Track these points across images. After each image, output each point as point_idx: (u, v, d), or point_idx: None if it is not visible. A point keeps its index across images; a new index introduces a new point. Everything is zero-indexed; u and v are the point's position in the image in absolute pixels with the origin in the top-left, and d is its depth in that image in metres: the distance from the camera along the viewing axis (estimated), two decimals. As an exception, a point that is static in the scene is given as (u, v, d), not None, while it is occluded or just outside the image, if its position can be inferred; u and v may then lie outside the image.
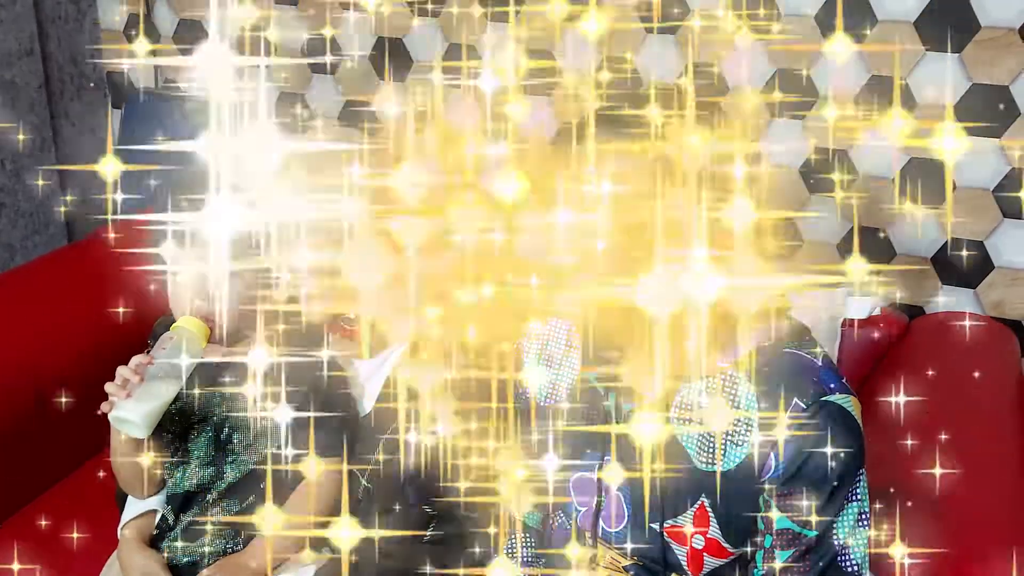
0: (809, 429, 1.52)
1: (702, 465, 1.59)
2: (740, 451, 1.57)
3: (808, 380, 1.55)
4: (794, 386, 1.54)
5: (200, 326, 1.89)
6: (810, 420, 1.52)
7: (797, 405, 1.53)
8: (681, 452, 1.60)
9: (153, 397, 1.82)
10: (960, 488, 1.75)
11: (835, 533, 1.55)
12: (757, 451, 1.55)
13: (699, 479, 1.59)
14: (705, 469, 1.59)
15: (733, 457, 1.58)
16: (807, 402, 1.53)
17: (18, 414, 2.29)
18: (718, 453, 1.58)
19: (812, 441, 1.52)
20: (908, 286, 2.48)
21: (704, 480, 1.59)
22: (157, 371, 1.84)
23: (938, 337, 2.34)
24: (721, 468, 1.58)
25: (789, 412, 1.53)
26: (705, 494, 1.60)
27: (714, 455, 1.58)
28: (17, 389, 2.30)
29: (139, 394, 1.82)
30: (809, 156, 2.53)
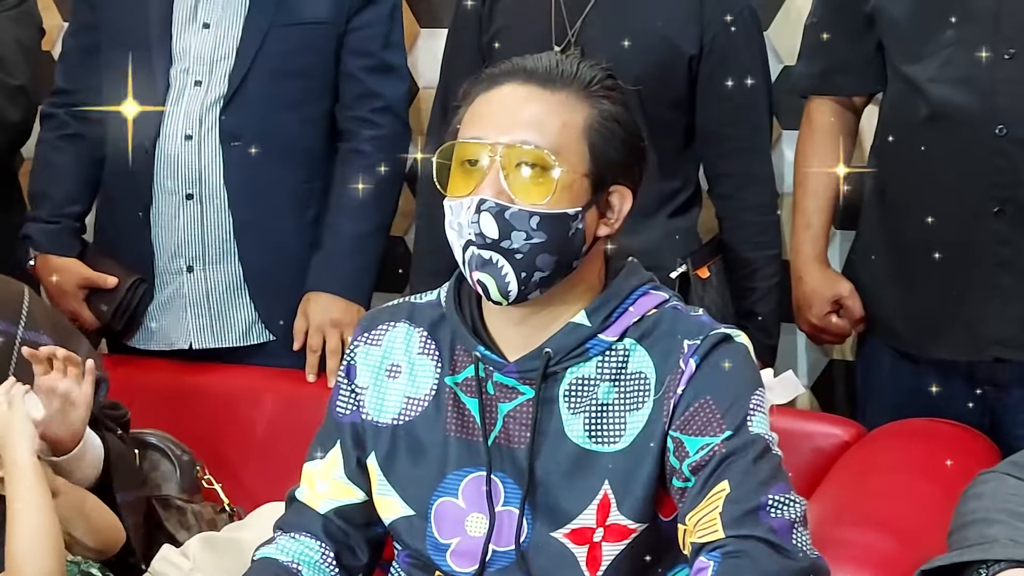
0: (703, 352, 1.59)
1: (597, 447, 1.61)
2: (639, 415, 1.60)
3: (692, 322, 1.62)
4: (682, 331, 1.60)
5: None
6: (703, 346, 1.59)
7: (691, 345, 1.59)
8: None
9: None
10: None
11: (750, 424, 1.56)
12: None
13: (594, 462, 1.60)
14: (601, 450, 1.60)
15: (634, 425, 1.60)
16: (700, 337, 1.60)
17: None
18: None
19: (710, 363, 1.58)
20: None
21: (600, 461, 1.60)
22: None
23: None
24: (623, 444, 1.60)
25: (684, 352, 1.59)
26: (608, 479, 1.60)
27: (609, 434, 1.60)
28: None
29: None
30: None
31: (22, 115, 2.62)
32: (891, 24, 2.27)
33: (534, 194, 1.56)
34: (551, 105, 1.58)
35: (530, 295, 1.59)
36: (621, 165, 1.61)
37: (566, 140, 1.58)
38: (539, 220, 1.56)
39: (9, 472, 1.82)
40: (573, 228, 1.58)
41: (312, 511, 1.74)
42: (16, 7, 2.65)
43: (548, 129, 1.57)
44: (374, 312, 1.79)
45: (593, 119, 1.59)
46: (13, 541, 1.79)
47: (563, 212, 1.57)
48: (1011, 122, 2.16)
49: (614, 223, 1.63)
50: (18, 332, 2.02)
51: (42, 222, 2.59)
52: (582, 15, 2.38)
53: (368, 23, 2.53)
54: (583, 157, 1.58)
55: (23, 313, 2.03)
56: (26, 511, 1.79)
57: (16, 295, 2.06)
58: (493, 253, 1.56)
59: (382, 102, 2.54)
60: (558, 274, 1.59)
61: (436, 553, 1.67)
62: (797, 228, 2.45)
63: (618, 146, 1.60)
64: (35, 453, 1.84)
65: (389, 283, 2.77)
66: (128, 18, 2.51)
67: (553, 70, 1.60)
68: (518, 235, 1.56)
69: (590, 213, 1.60)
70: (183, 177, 2.48)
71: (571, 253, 1.59)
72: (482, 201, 1.56)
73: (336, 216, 2.52)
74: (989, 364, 2.27)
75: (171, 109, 2.48)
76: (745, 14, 2.40)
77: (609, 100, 1.61)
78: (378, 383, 1.72)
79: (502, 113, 1.59)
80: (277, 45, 2.48)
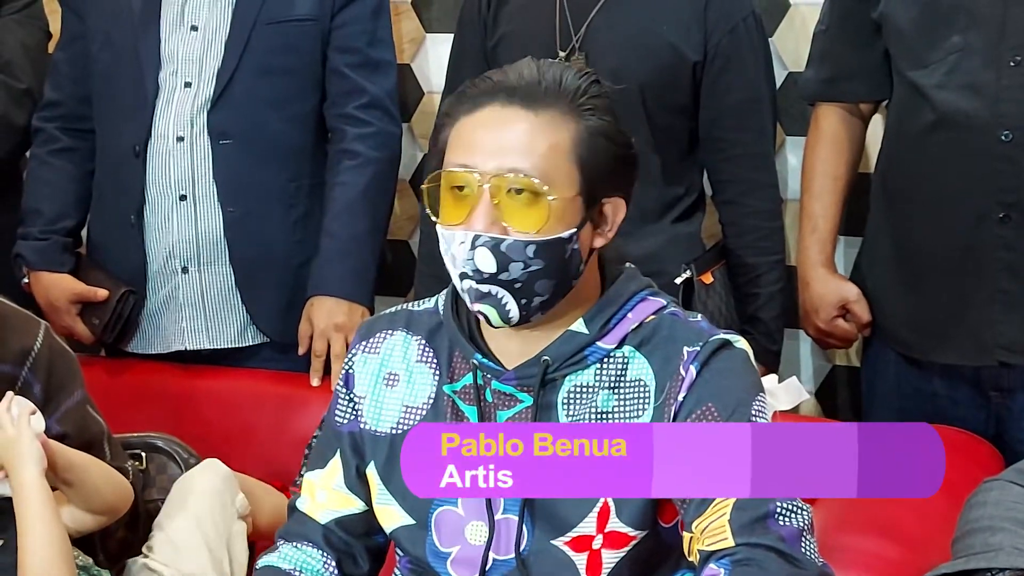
0: (703, 358, 1.58)
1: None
2: (639, 422, 1.59)
3: (691, 329, 1.61)
4: (682, 338, 1.60)
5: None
6: (703, 352, 1.58)
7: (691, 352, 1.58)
8: None
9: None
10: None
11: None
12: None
13: None
14: None
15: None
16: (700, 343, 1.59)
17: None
18: None
19: (711, 369, 1.57)
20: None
21: None
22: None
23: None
24: None
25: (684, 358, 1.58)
26: None
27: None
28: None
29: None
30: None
31: (28, 119, 2.62)
32: (897, 31, 2.27)
33: (527, 222, 1.53)
34: (536, 126, 1.54)
35: (532, 317, 1.58)
36: (612, 177, 1.58)
37: (554, 163, 1.54)
38: (535, 248, 1.54)
39: (17, 494, 1.82)
40: (569, 250, 1.56)
41: (313, 521, 1.75)
42: (22, 11, 2.66)
43: (535, 152, 1.54)
44: (372, 320, 1.78)
45: (580, 136, 1.55)
46: (25, 561, 1.80)
47: (558, 237, 1.55)
48: (1016, 128, 2.16)
49: (609, 232, 1.61)
50: (21, 374, 2.00)
51: (33, 239, 2.59)
52: (587, 21, 2.38)
53: (353, 19, 2.52)
54: (572, 178, 1.55)
55: (31, 357, 2.00)
56: (36, 539, 1.80)
57: (30, 337, 2.02)
58: (492, 286, 1.55)
59: (368, 97, 2.53)
60: (559, 295, 1.58)
61: (436, 561, 1.66)
62: (803, 233, 2.45)
63: (607, 160, 1.57)
64: (43, 473, 1.84)
65: (393, 287, 2.77)
66: (116, 24, 2.52)
67: (535, 86, 1.56)
68: (516, 266, 1.54)
69: (584, 230, 1.58)
70: (176, 178, 2.48)
71: (569, 273, 1.58)
72: (476, 237, 1.54)
73: (331, 219, 2.52)
74: (994, 369, 2.27)
75: (162, 111, 2.48)
76: (749, 20, 2.40)
77: (596, 112, 1.57)
78: (376, 392, 1.71)
79: (487, 138, 1.55)
80: (263, 43, 2.48)
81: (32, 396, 1.95)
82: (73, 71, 2.59)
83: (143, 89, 2.48)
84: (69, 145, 2.60)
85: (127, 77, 2.49)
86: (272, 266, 2.54)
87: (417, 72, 2.84)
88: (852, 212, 2.51)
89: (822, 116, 2.44)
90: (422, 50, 2.84)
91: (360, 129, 2.52)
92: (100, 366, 2.49)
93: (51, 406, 1.99)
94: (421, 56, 2.84)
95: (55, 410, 1.99)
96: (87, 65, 2.56)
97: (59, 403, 2.01)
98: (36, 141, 2.63)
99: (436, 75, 2.77)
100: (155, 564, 2.05)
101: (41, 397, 1.97)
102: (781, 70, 2.59)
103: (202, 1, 2.49)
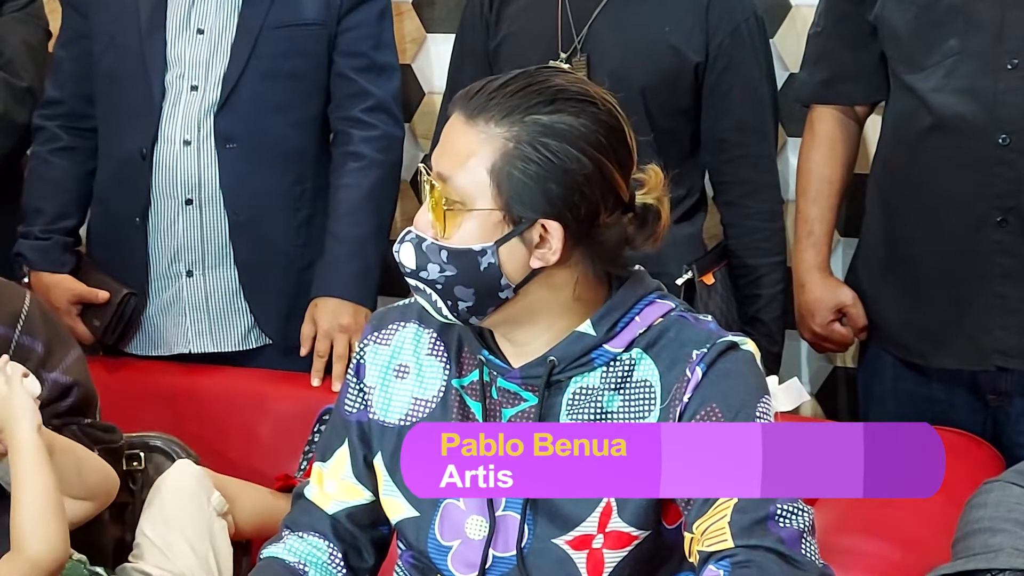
0: (709, 360, 1.57)
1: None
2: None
3: (700, 331, 1.61)
4: (690, 340, 1.60)
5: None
6: (709, 354, 1.58)
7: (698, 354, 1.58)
8: None
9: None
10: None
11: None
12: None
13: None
14: None
15: None
16: (707, 345, 1.58)
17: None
18: None
19: (716, 370, 1.57)
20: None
21: None
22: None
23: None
24: None
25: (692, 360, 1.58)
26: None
27: None
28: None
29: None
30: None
31: (29, 117, 2.63)
32: (893, 34, 2.28)
33: (443, 227, 1.56)
34: (468, 136, 1.55)
35: (473, 319, 1.60)
36: (540, 200, 1.54)
37: (475, 176, 1.54)
38: (448, 254, 1.56)
39: (12, 451, 1.83)
40: (483, 263, 1.55)
41: (320, 511, 1.75)
42: (23, 8, 2.66)
43: (458, 162, 1.55)
44: (384, 311, 1.79)
45: (505, 154, 1.53)
46: (18, 516, 1.81)
47: (468, 248, 1.55)
48: (1014, 132, 2.16)
49: (551, 256, 1.56)
50: (14, 336, 2.03)
51: (34, 238, 2.59)
52: (588, 22, 2.38)
53: (358, 24, 2.53)
54: (489, 194, 1.55)
55: (21, 318, 2.03)
56: (31, 489, 1.81)
57: (17, 300, 2.06)
58: (417, 283, 1.59)
59: (373, 100, 2.54)
60: (488, 304, 1.58)
61: (437, 555, 1.67)
62: (799, 236, 2.45)
63: (533, 181, 1.53)
64: (37, 431, 1.84)
65: (397, 287, 2.77)
66: (120, 25, 2.52)
67: (480, 101, 1.56)
68: (433, 267, 1.56)
69: (508, 247, 1.55)
70: (182, 182, 2.49)
71: (491, 285, 1.56)
72: (408, 232, 1.59)
73: (336, 221, 2.53)
74: (992, 373, 2.27)
75: (168, 115, 2.48)
76: (751, 21, 2.40)
77: (538, 128, 1.54)
78: (385, 383, 1.72)
79: (442, 143, 1.59)
80: (269, 47, 2.49)
81: (35, 354, 1.99)
82: (75, 69, 2.59)
83: (149, 92, 2.48)
84: (70, 144, 2.60)
85: (132, 79, 2.50)
86: (276, 269, 2.55)
87: (418, 72, 2.84)
88: (852, 213, 2.51)
89: (817, 118, 2.44)
90: (423, 50, 2.85)
91: (365, 132, 2.53)
92: (100, 365, 2.49)
93: (55, 359, 2.02)
94: (422, 56, 2.85)
95: (61, 361, 2.03)
96: (89, 64, 2.57)
97: (63, 355, 2.04)
98: (37, 139, 2.63)
99: (437, 75, 2.77)
100: (146, 567, 2.06)
101: (43, 352, 2.01)
102: (782, 71, 2.59)
103: (208, 5, 2.49)
